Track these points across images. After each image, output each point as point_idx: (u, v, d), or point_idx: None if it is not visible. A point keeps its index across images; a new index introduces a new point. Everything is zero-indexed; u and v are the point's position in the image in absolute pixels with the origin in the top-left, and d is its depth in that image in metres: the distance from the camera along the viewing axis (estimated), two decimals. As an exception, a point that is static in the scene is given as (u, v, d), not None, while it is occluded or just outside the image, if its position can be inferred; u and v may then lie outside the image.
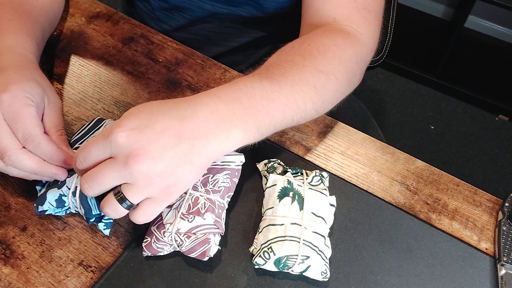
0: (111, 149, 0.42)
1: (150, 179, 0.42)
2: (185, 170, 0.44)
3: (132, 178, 0.42)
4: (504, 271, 0.52)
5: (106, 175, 0.43)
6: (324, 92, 0.54)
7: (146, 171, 0.42)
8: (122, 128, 0.42)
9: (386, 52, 0.94)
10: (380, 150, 0.64)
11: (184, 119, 0.44)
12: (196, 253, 0.50)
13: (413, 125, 1.77)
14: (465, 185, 0.61)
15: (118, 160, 0.42)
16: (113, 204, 0.44)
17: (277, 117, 0.50)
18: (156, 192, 0.44)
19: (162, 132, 0.42)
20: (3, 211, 0.56)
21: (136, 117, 0.43)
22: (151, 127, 0.42)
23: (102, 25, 0.78)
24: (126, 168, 0.42)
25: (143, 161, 0.41)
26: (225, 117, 0.45)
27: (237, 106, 0.46)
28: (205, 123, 0.44)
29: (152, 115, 0.43)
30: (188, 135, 0.43)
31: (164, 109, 0.44)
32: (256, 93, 0.48)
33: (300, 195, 0.53)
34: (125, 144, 0.41)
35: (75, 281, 0.51)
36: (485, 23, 1.98)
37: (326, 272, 0.50)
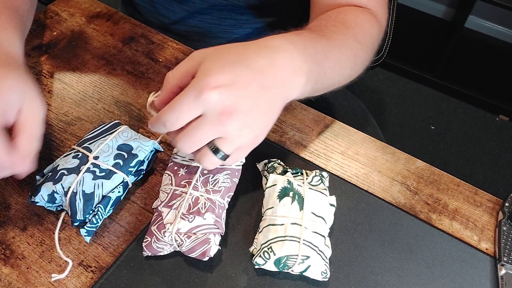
0: (203, 107, 0.43)
1: (241, 132, 0.44)
2: (269, 118, 0.47)
3: (226, 133, 0.44)
4: (504, 271, 0.52)
5: (202, 133, 0.44)
6: (358, 61, 0.58)
7: (238, 126, 0.44)
8: (211, 86, 0.42)
9: (386, 52, 0.94)
10: (380, 150, 0.64)
11: (264, 69, 0.45)
12: (196, 253, 0.50)
13: (414, 125, 1.77)
14: (466, 185, 0.61)
15: (211, 118, 0.43)
16: (209, 157, 0.46)
17: (328, 73, 0.52)
18: (246, 143, 0.46)
19: (248, 86, 0.43)
20: (3, 211, 0.56)
21: (221, 72, 0.43)
22: (238, 83, 0.43)
23: (102, 25, 0.78)
24: (220, 125, 0.43)
25: (236, 117, 0.43)
26: (298, 66, 0.47)
27: (306, 56, 0.48)
28: (282, 71, 0.46)
29: (235, 68, 0.44)
30: (269, 85, 0.45)
31: (245, 59, 0.45)
32: (318, 47, 0.50)
33: (300, 195, 0.53)
34: (217, 103, 0.42)
35: (75, 281, 0.51)
36: (485, 23, 1.98)
37: (326, 272, 0.50)
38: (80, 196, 0.51)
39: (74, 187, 0.51)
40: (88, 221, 0.52)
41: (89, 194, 0.52)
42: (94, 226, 0.52)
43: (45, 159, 0.61)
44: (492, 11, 1.88)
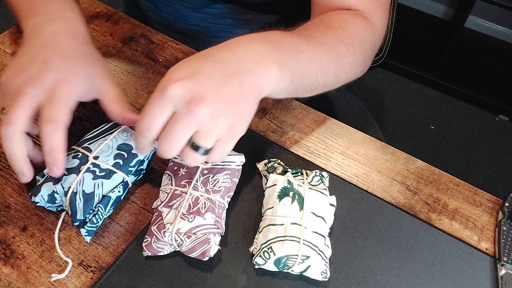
0: (171, 103, 0.43)
1: (215, 120, 0.43)
2: (243, 106, 0.45)
3: (199, 123, 0.44)
4: (504, 271, 0.52)
5: (178, 132, 0.44)
6: (343, 61, 0.56)
7: (209, 113, 0.43)
8: (174, 80, 0.43)
9: (386, 52, 0.94)
10: (380, 150, 0.64)
11: (225, 59, 0.45)
12: (196, 253, 0.50)
13: (413, 125, 1.77)
14: (465, 185, 0.61)
15: (181, 112, 0.43)
16: (191, 154, 0.46)
17: (306, 66, 0.51)
18: (223, 133, 0.45)
19: (210, 74, 0.44)
20: (3, 211, 0.56)
21: (181, 68, 0.44)
22: (199, 73, 0.44)
23: (102, 25, 0.78)
24: (191, 115, 0.43)
25: (205, 104, 0.43)
26: (262, 54, 0.47)
27: (271, 46, 0.48)
28: (245, 58, 0.46)
29: (196, 63, 0.45)
30: (232, 71, 0.45)
31: (204, 55, 0.46)
32: (287, 41, 0.50)
33: (300, 195, 0.53)
34: (183, 94, 0.43)
35: (75, 281, 0.51)
36: (485, 23, 1.98)
37: (326, 272, 0.50)
38: (80, 196, 0.51)
39: (74, 187, 0.51)
40: (88, 221, 0.52)
41: (89, 194, 0.52)
42: (95, 225, 0.52)
43: (45, 159, 0.61)
44: (492, 11, 1.88)
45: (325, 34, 0.55)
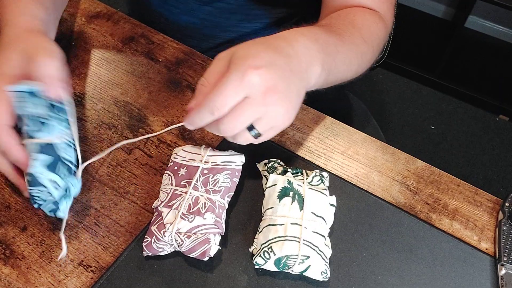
0: (248, 89, 0.44)
1: (278, 111, 0.47)
2: (298, 102, 0.49)
3: (267, 112, 0.46)
4: (504, 271, 0.52)
5: (248, 114, 0.46)
6: (364, 59, 0.61)
7: (279, 105, 0.46)
8: (254, 67, 0.44)
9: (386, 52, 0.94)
10: (380, 150, 0.64)
11: (291, 56, 0.48)
12: (196, 253, 0.50)
13: (414, 125, 1.77)
14: (466, 185, 0.61)
15: (256, 98, 0.45)
16: (244, 134, 0.48)
17: (339, 66, 0.55)
18: (279, 123, 0.48)
19: (282, 68, 0.46)
20: (3, 211, 0.56)
21: (258, 55, 0.45)
22: (274, 65, 0.45)
23: (102, 25, 0.78)
24: (265, 104, 0.45)
25: (278, 97, 0.45)
26: (313, 55, 0.50)
27: (319, 47, 0.51)
28: (303, 57, 0.49)
29: (269, 52, 0.46)
30: (296, 70, 0.48)
31: (273, 47, 0.48)
32: (329, 41, 0.54)
33: (300, 195, 0.53)
34: (261, 83, 0.44)
35: (75, 281, 0.51)
36: (485, 23, 1.98)
37: (326, 272, 0.50)
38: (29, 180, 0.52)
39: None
40: (42, 201, 0.52)
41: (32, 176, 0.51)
42: (49, 201, 0.52)
43: (45, 159, 0.61)
44: (492, 11, 1.88)
45: (353, 33, 0.59)
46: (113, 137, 0.63)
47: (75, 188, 0.54)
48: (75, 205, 0.57)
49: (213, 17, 0.82)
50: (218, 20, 0.82)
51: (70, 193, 0.53)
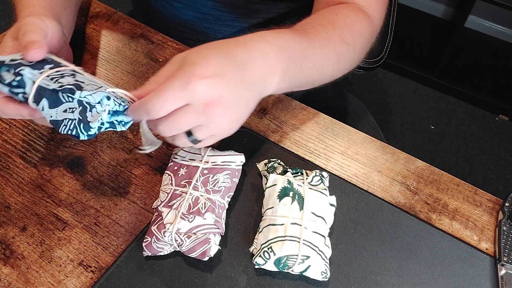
0: (190, 97, 0.44)
1: (220, 122, 0.46)
2: (245, 112, 0.49)
3: (206, 122, 0.45)
4: (504, 271, 0.52)
5: (185, 121, 0.45)
6: (342, 61, 0.59)
7: (219, 117, 0.45)
8: (200, 76, 0.43)
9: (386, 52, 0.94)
10: (380, 150, 0.64)
11: (245, 65, 0.47)
12: (196, 253, 0.50)
13: (413, 125, 1.77)
14: (466, 185, 0.61)
15: (197, 108, 0.44)
16: (182, 138, 0.47)
17: (306, 73, 0.54)
18: (221, 133, 0.48)
19: (232, 79, 0.45)
20: (3, 211, 0.56)
21: (207, 63, 0.44)
22: (223, 75, 0.44)
23: (102, 25, 0.78)
24: (204, 115, 0.45)
25: (219, 109, 0.45)
26: (272, 65, 0.49)
27: (281, 56, 0.50)
28: (259, 69, 0.48)
29: (219, 60, 0.45)
30: (248, 80, 0.47)
31: (227, 53, 0.47)
32: (297, 47, 0.52)
33: (300, 195, 0.53)
34: (205, 94, 0.43)
35: (75, 281, 0.51)
36: (485, 23, 1.98)
37: (326, 272, 0.50)
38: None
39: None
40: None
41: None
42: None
43: (45, 158, 0.61)
44: (492, 10, 1.88)
45: (330, 34, 0.57)
46: (113, 137, 0.63)
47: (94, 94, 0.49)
48: (75, 205, 0.57)
49: (215, 11, 0.81)
50: (219, 14, 0.82)
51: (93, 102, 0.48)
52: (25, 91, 0.48)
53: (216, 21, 0.82)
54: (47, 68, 0.50)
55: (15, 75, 0.48)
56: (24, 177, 0.59)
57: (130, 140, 0.63)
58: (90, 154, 0.62)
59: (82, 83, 0.49)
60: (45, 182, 0.59)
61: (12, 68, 0.49)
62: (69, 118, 0.47)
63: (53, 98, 0.48)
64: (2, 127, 0.64)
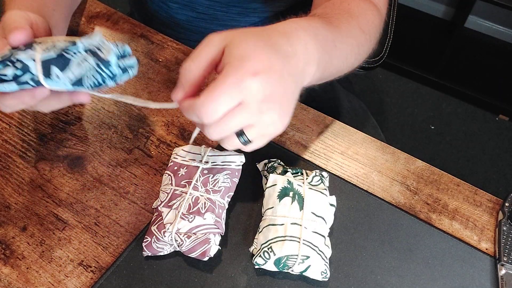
0: (244, 96, 0.41)
1: (274, 121, 0.44)
2: (292, 107, 0.46)
3: (259, 121, 0.43)
4: (504, 271, 0.52)
5: (236, 122, 0.42)
6: (362, 51, 0.59)
7: (275, 114, 0.44)
8: (251, 72, 0.41)
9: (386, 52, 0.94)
10: (380, 150, 0.64)
11: (289, 56, 0.45)
12: (196, 253, 0.50)
13: (413, 125, 1.77)
14: (466, 185, 0.61)
15: (250, 106, 0.42)
16: (233, 140, 0.45)
17: (335, 62, 0.53)
18: (272, 131, 0.46)
19: (281, 72, 0.43)
20: (3, 211, 0.56)
21: (257, 58, 0.42)
22: (273, 69, 0.42)
23: (102, 25, 0.78)
24: (260, 113, 0.43)
25: (274, 106, 0.43)
26: (311, 54, 0.48)
27: (318, 44, 0.48)
28: (301, 60, 0.46)
29: (268, 53, 0.43)
30: (294, 72, 0.45)
31: (273, 44, 0.44)
32: (328, 35, 0.51)
33: (300, 195, 0.53)
34: (259, 91, 0.41)
35: (75, 281, 0.51)
36: (485, 23, 1.98)
37: (326, 272, 0.50)
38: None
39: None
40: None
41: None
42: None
43: (45, 158, 0.61)
44: (492, 11, 1.88)
45: (350, 23, 0.56)
46: (113, 137, 0.63)
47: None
48: (75, 205, 0.57)
49: (211, 11, 0.81)
50: (216, 13, 0.82)
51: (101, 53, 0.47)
52: (32, 72, 0.46)
53: (213, 20, 0.82)
54: (36, 45, 0.48)
55: (15, 64, 0.46)
56: (24, 177, 0.59)
57: (130, 140, 0.63)
58: (90, 154, 0.62)
59: (75, 39, 0.47)
60: (45, 182, 0.59)
61: (7, 61, 0.47)
62: (86, 69, 0.46)
63: (60, 62, 0.46)
64: (2, 127, 0.64)
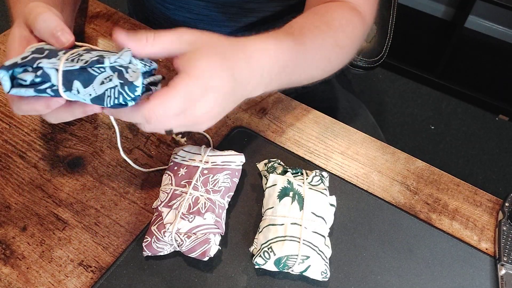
0: (188, 107, 0.45)
1: (201, 128, 0.48)
2: (224, 114, 0.50)
3: (190, 126, 0.48)
4: (504, 271, 0.52)
5: (170, 126, 0.46)
6: (334, 64, 0.61)
7: (205, 125, 0.48)
8: (203, 89, 0.44)
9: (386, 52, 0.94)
10: (380, 150, 0.64)
11: (242, 83, 0.48)
12: (196, 253, 0.50)
13: (413, 125, 1.77)
14: (465, 185, 0.61)
15: (190, 117, 0.46)
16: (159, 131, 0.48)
17: (293, 80, 0.56)
18: (198, 131, 0.52)
19: (227, 95, 0.47)
20: (3, 211, 0.56)
21: (213, 78, 0.45)
22: (223, 91, 0.46)
23: (102, 25, 0.78)
24: (194, 124, 0.47)
25: (210, 119, 0.47)
26: (264, 80, 0.51)
27: (276, 69, 0.52)
28: (251, 86, 0.50)
29: (224, 78, 0.46)
30: (239, 95, 0.50)
31: (232, 69, 0.47)
32: (292, 57, 0.53)
33: (300, 195, 0.53)
34: (203, 106, 0.46)
35: (75, 281, 0.51)
36: (485, 23, 1.98)
37: (326, 272, 0.50)
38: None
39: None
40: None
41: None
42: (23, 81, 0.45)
43: (45, 158, 0.61)
44: (492, 11, 1.88)
45: (325, 38, 0.58)
46: (113, 137, 0.63)
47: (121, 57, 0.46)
48: (75, 205, 0.57)
49: (208, 12, 0.81)
50: (213, 14, 0.82)
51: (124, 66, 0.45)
52: (52, 82, 0.45)
53: (210, 21, 0.82)
54: (61, 54, 0.46)
55: (35, 71, 0.45)
56: (24, 177, 0.59)
57: (130, 140, 0.63)
58: (90, 154, 0.62)
59: (103, 54, 0.46)
60: (45, 182, 0.59)
61: (28, 66, 0.45)
62: (109, 87, 0.45)
63: (84, 76, 0.45)
64: (2, 127, 0.64)
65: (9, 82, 0.45)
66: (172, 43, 0.46)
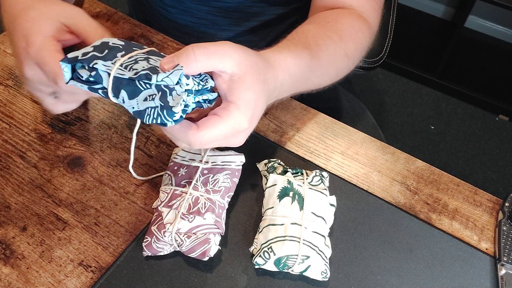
0: (232, 135, 0.46)
1: (234, 144, 0.49)
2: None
3: (226, 143, 0.48)
4: (504, 271, 0.52)
5: (213, 145, 0.47)
6: (341, 73, 0.62)
7: (238, 141, 0.48)
8: (249, 120, 0.46)
9: (386, 52, 0.94)
10: (380, 150, 0.64)
11: (270, 92, 0.50)
12: (196, 253, 0.50)
13: (413, 125, 1.77)
14: (465, 185, 0.61)
15: (228, 139, 0.47)
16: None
17: (302, 89, 0.57)
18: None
19: (260, 115, 0.48)
20: (3, 211, 0.56)
21: (258, 109, 0.47)
22: (262, 112, 0.48)
23: (102, 25, 0.77)
24: (229, 142, 0.48)
25: (243, 135, 0.48)
26: (279, 94, 0.53)
27: (291, 86, 0.53)
28: (276, 93, 0.52)
29: (264, 102, 0.48)
30: (268, 103, 0.50)
31: (265, 82, 0.48)
32: (306, 73, 0.54)
33: (300, 195, 0.53)
34: (245, 131, 0.47)
35: (75, 281, 0.51)
36: (485, 23, 1.98)
37: (326, 272, 0.50)
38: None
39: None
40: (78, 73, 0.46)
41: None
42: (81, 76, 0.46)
43: (45, 158, 0.61)
44: (492, 11, 1.88)
45: (336, 49, 0.59)
46: (113, 137, 0.64)
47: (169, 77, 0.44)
48: (75, 205, 0.57)
49: (211, 16, 0.81)
50: (215, 19, 0.82)
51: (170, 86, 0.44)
52: (104, 85, 0.45)
53: (213, 25, 0.82)
54: (119, 56, 0.46)
55: (90, 71, 0.45)
56: (24, 177, 0.59)
57: (130, 140, 0.63)
58: (90, 154, 0.62)
59: (157, 67, 0.45)
60: (45, 182, 0.59)
61: (86, 63, 0.46)
62: (151, 106, 0.44)
63: (131, 88, 0.44)
64: (2, 127, 0.64)
65: (69, 74, 0.46)
66: (221, 62, 0.45)
